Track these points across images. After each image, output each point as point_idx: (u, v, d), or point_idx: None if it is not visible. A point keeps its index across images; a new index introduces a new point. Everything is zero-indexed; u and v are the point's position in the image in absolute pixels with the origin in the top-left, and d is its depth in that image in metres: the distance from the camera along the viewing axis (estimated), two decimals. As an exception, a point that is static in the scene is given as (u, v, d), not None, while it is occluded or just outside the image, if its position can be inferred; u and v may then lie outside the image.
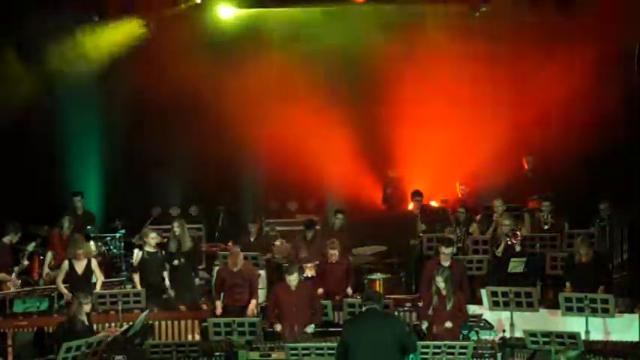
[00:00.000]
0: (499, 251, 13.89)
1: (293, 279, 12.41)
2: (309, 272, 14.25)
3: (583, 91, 16.48)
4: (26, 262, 14.10)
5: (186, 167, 17.57)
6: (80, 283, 13.20)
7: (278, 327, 12.34)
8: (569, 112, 16.75)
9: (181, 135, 17.41)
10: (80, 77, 16.62)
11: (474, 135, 16.92)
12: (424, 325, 12.06)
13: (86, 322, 11.69)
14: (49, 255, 14.50)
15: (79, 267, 13.34)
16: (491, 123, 16.76)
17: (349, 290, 13.81)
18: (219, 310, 13.21)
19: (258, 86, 16.97)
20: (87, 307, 11.75)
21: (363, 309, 9.76)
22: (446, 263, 12.76)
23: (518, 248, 13.82)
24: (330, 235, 14.89)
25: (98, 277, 13.52)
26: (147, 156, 17.17)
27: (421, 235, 15.43)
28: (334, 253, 13.80)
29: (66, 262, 13.39)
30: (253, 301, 13.27)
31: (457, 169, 16.99)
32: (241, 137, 17.04)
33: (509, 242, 13.79)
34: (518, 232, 13.93)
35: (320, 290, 13.60)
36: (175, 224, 14.30)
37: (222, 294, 13.40)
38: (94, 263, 13.54)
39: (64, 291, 13.21)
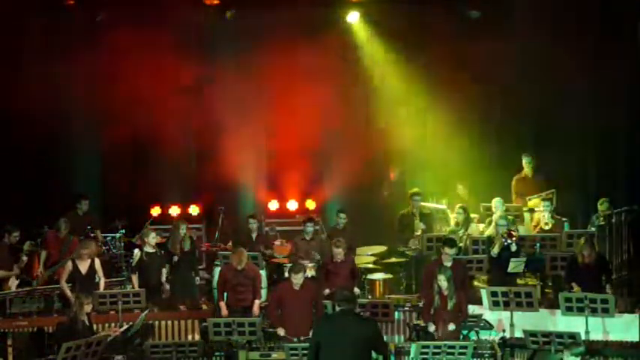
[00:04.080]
0: (495, 251, 13.90)
1: (299, 278, 12.38)
2: (310, 272, 14.23)
3: (582, 88, 16.54)
4: (25, 258, 14.10)
5: (186, 167, 17.58)
6: (85, 283, 13.21)
7: (282, 332, 12.30)
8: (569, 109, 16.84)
9: (181, 134, 17.44)
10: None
11: (473, 133, 16.94)
12: (431, 328, 12.03)
13: (87, 322, 11.71)
14: (43, 255, 14.50)
15: (83, 267, 13.34)
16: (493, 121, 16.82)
17: (356, 290, 13.80)
18: (224, 312, 13.18)
19: (259, 86, 16.99)
20: (88, 308, 11.76)
21: (337, 309, 9.76)
22: (448, 264, 12.76)
23: (514, 248, 13.81)
24: (332, 235, 14.92)
25: (101, 277, 13.53)
26: (147, 155, 17.18)
27: (419, 234, 15.43)
28: (340, 252, 13.75)
29: (69, 263, 13.39)
30: (257, 301, 13.28)
31: (456, 169, 16.99)
32: (241, 137, 17.05)
33: (505, 242, 13.80)
34: (513, 232, 13.92)
35: (327, 291, 13.59)
36: (183, 226, 14.26)
37: (225, 294, 13.41)
38: (98, 263, 13.54)
39: (68, 293, 13.19)
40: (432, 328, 12.03)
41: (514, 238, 13.80)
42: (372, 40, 17.31)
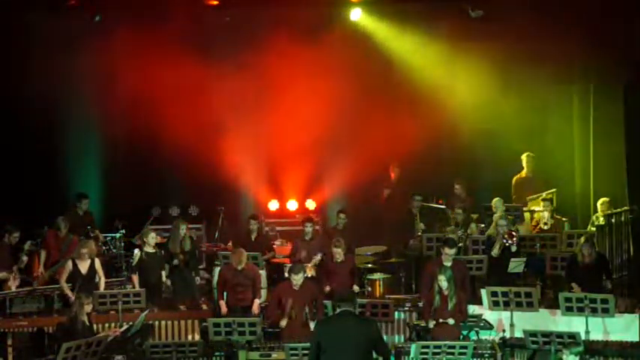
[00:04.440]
0: (495, 252, 13.90)
1: (299, 278, 12.38)
2: (309, 272, 14.24)
3: (582, 88, 16.55)
4: (25, 258, 14.09)
5: (186, 167, 17.58)
6: (84, 283, 13.20)
7: (284, 322, 12.29)
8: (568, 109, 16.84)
9: (181, 134, 17.46)
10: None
11: (473, 132, 16.95)
12: (431, 324, 12.02)
13: (87, 323, 11.70)
14: (43, 255, 14.49)
15: (83, 267, 13.34)
16: (491, 122, 16.82)
17: (355, 288, 13.82)
18: (224, 310, 13.20)
19: (259, 86, 16.98)
20: (88, 308, 11.75)
21: (337, 310, 9.78)
22: (448, 263, 12.75)
23: (514, 248, 13.82)
24: (332, 235, 14.94)
25: (101, 277, 13.52)
26: (147, 155, 17.19)
27: (419, 234, 15.43)
28: (339, 252, 13.78)
29: (69, 262, 13.39)
30: (256, 301, 13.28)
31: (455, 169, 16.98)
32: (241, 137, 17.06)
33: (506, 243, 13.80)
34: (514, 232, 13.93)
35: (327, 288, 13.60)
36: (183, 226, 14.27)
37: (225, 294, 13.41)
38: (98, 263, 13.54)
39: (68, 292, 13.19)
40: (432, 324, 12.02)
41: (514, 239, 13.80)
42: (375, 39, 17.30)
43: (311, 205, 17.78)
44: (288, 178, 17.62)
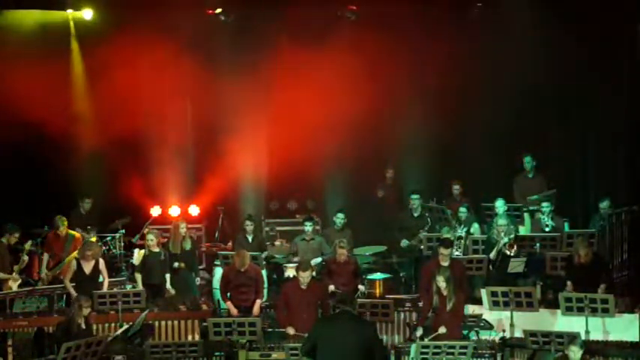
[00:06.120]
0: (493, 255, 13.92)
1: (306, 276, 12.34)
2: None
3: (582, 88, 16.56)
4: (25, 258, 14.10)
5: (186, 167, 17.59)
6: (87, 283, 13.24)
7: (291, 330, 12.25)
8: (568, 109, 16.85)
9: (181, 135, 17.47)
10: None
11: (472, 133, 16.96)
12: (419, 332, 11.92)
13: (83, 326, 11.65)
14: (46, 256, 14.50)
15: (87, 267, 13.37)
16: (491, 122, 16.82)
17: (361, 287, 13.83)
18: (234, 311, 13.16)
19: (258, 85, 16.99)
20: (86, 311, 11.74)
21: (336, 311, 9.79)
22: (445, 263, 12.74)
23: (512, 254, 13.88)
24: (330, 235, 14.96)
25: (105, 278, 13.54)
26: (147, 155, 17.20)
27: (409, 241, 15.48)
28: (343, 253, 13.81)
29: (74, 262, 13.42)
30: (258, 301, 13.30)
31: (454, 169, 16.98)
32: (241, 137, 17.06)
33: (507, 252, 13.85)
34: (513, 243, 13.96)
35: (331, 287, 13.61)
36: (182, 225, 14.29)
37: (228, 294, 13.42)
38: (102, 264, 13.56)
39: (73, 291, 13.21)
40: (419, 332, 11.92)
41: (514, 250, 13.87)
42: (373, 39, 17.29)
43: (311, 204, 17.78)
44: (288, 178, 17.60)
